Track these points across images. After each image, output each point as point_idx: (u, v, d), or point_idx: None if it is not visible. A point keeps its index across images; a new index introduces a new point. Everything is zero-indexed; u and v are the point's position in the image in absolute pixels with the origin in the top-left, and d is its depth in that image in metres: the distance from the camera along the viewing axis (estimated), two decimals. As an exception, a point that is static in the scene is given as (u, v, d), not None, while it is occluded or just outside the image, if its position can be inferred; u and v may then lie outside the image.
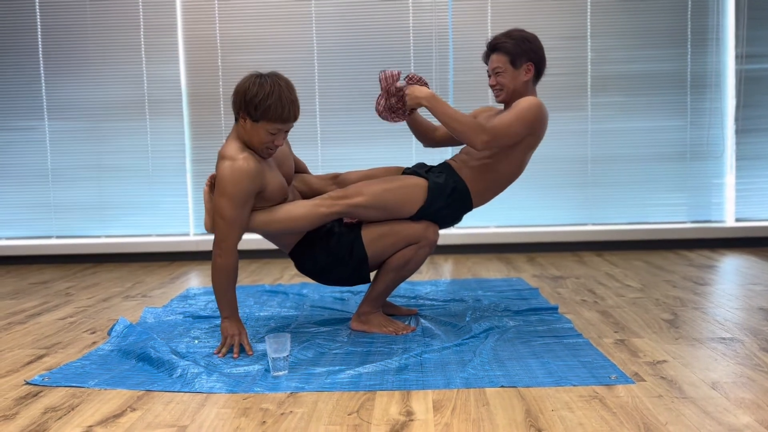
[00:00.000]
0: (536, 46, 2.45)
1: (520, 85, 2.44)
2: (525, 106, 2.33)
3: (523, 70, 2.43)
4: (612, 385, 1.82)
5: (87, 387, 1.90)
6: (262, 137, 2.13)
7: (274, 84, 2.09)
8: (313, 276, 2.43)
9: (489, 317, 2.57)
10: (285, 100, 2.08)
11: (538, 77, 2.49)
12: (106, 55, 4.39)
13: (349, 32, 4.35)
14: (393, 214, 2.36)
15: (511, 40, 2.43)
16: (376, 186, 2.35)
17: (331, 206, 2.29)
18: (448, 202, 2.40)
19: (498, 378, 1.88)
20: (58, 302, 3.14)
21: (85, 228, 4.49)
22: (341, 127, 4.40)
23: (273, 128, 2.11)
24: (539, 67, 2.47)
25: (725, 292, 2.97)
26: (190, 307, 2.91)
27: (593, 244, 4.36)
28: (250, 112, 2.10)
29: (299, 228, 2.29)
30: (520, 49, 2.42)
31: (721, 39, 4.29)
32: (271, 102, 2.06)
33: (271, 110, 2.07)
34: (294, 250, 2.39)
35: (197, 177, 4.44)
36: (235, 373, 2.00)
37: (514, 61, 2.42)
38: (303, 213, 2.26)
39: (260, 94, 2.06)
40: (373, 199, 2.32)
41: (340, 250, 2.35)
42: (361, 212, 2.34)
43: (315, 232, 2.37)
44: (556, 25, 4.31)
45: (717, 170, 4.37)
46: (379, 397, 1.78)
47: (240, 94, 2.12)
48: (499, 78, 2.45)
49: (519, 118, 2.31)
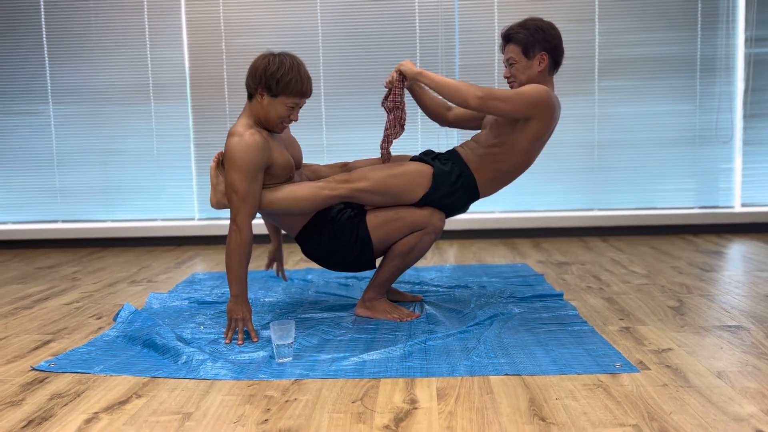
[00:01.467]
0: (550, 35, 2.40)
1: (534, 76, 2.41)
2: (529, 86, 2.32)
3: (537, 60, 2.40)
4: (616, 373, 1.81)
5: (93, 373, 1.91)
6: (279, 111, 2.20)
7: (293, 60, 2.19)
8: (318, 260, 2.44)
9: (494, 304, 2.57)
10: (303, 75, 2.19)
11: (555, 67, 2.46)
12: (110, 39, 4.37)
13: (354, 16, 4.31)
14: (397, 199, 2.36)
15: (524, 30, 2.39)
16: (381, 171, 2.35)
17: (335, 189, 2.30)
18: (452, 190, 2.38)
19: (502, 366, 1.88)
20: (64, 287, 3.15)
21: (90, 212, 4.50)
22: (346, 111, 4.38)
23: (291, 102, 2.20)
24: (555, 56, 2.41)
25: (732, 279, 2.95)
26: (195, 293, 2.92)
27: (599, 230, 4.34)
28: (270, 86, 2.17)
29: (302, 209, 2.30)
30: (534, 39, 2.38)
31: (732, 22, 4.23)
32: (292, 76, 2.16)
33: (292, 84, 2.16)
34: (300, 234, 2.40)
35: (201, 161, 4.43)
36: (240, 359, 2.00)
37: (527, 51, 2.39)
38: (306, 194, 2.28)
39: (281, 70, 2.15)
40: (376, 184, 2.32)
41: (345, 235, 2.35)
42: (364, 197, 2.34)
43: (321, 217, 2.37)
44: (563, 9, 4.26)
45: (726, 155, 4.33)
46: (383, 384, 1.78)
47: (259, 69, 2.18)
48: (513, 69, 2.42)
49: (519, 93, 2.29)
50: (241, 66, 4.34)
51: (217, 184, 2.29)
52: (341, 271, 2.49)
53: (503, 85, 4.30)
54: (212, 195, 2.30)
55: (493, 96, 2.26)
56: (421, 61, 4.31)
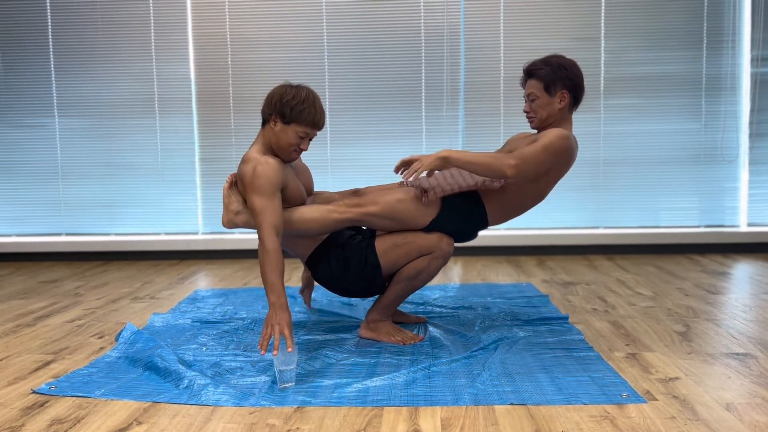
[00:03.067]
0: (573, 73, 2.40)
1: (554, 113, 2.41)
2: (553, 135, 2.30)
3: (558, 98, 2.39)
4: (623, 404, 1.79)
5: (93, 397, 1.89)
6: (291, 138, 2.24)
7: (309, 92, 2.25)
8: (328, 285, 2.44)
9: (498, 327, 2.55)
10: (318, 108, 2.25)
11: (575, 105, 2.46)
12: (116, 53, 4.38)
13: (360, 32, 4.32)
14: (405, 224, 2.36)
15: (547, 66, 2.39)
16: (391, 196, 2.36)
17: (344, 212, 2.30)
18: (461, 217, 2.37)
19: (507, 394, 1.86)
20: (67, 303, 3.14)
21: (94, 225, 4.50)
22: (351, 127, 4.38)
23: (302, 131, 2.24)
24: (575, 95, 2.42)
25: (738, 302, 2.93)
26: (198, 311, 2.90)
27: (604, 248, 4.32)
28: (284, 114, 2.21)
29: (311, 230, 2.30)
30: (556, 76, 2.38)
31: (737, 41, 4.23)
32: (306, 106, 2.22)
33: (305, 114, 2.21)
34: (310, 258, 2.41)
35: (206, 175, 4.43)
36: (242, 384, 1.98)
37: (549, 87, 2.39)
38: (316, 216, 2.29)
39: (297, 99, 2.21)
40: (386, 209, 2.32)
41: (354, 259, 2.36)
42: (373, 221, 2.34)
43: (331, 242, 2.38)
44: (569, 26, 4.26)
45: (731, 174, 4.31)
46: (386, 413, 1.76)
47: (276, 96, 2.24)
48: (534, 104, 2.42)
49: (546, 148, 2.27)
50: (247, 81, 4.35)
51: (229, 204, 2.31)
52: (351, 296, 2.48)
53: (512, 107, 4.30)
54: (224, 214, 2.32)
55: (526, 160, 2.24)
56: (426, 78, 4.31)
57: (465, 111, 4.33)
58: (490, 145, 4.28)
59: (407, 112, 4.35)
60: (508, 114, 4.32)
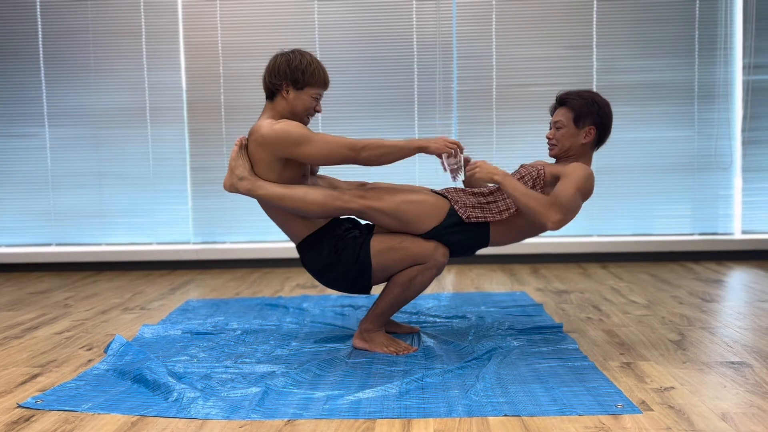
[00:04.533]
0: (604, 112, 2.39)
1: (576, 147, 2.41)
2: (582, 177, 2.27)
3: (584, 132, 2.39)
4: (618, 414, 1.77)
5: (81, 411, 1.86)
6: (306, 103, 2.29)
7: (309, 54, 2.30)
8: (315, 273, 2.41)
9: (492, 336, 2.53)
10: (323, 66, 2.30)
11: (598, 144, 2.45)
12: (107, 62, 4.36)
13: (352, 41, 4.31)
14: (407, 226, 2.34)
15: (580, 99, 2.39)
16: (398, 196, 2.34)
17: (348, 202, 2.29)
18: (462, 229, 2.35)
19: (501, 405, 1.83)
20: (56, 314, 3.10)
21: (85, 235, 4.45)
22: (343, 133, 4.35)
23: (316, 93, 2.29)
24: (602, 133, 2.42)
25: (733, 310, 2.91)
26: (189, 322, 2.87)
27: (598, 256, 4.31)
28: (296, 80, 2.25)
29: (310, 212, 2.29)
30: (587, 110, 2.37)
31: (729, 49, 4.24)
32: (315, 67, 2.26)
33: (316, 75, 2.26)
34: (303, 243, 2.38)
35: (197, 185, 4.40)
36: (233, 396, 1.95)
37: (578, 120, 2.38)
38: (319, 199, 2.27)
39: (303, 62, 2.25)
40: (391, 206, 2.31)
41: (346, 253, 2.33)
42: (376, 216, 2.32)
43: (327, 231, 2.35)
44: (561, 34, 4.26)
45: (725, 182, 4.31)
46: (379, 426, 1.73)
47: (282, 65, 2.26)
48: (558, 133, 2.41)
49: (580, 189, 2.26)
50: (238, 90, 4.33)
51: (234, 168, 2.29)
52: (335, 289, 2.46)
53: (504, 115, 4.29)
54: (227, 177, 2.32)
55: (568, 212, 2.22)
56: (419, 87, 4.30)
57: (458, 119, 4.33)
58: (482, 154, 4.27)
59: (400, 121, 4.34)
60: (500, 122, 4.32)
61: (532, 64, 4.28)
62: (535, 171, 2.40)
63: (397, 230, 2.36)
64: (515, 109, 4.30)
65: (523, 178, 2.40)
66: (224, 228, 4.41)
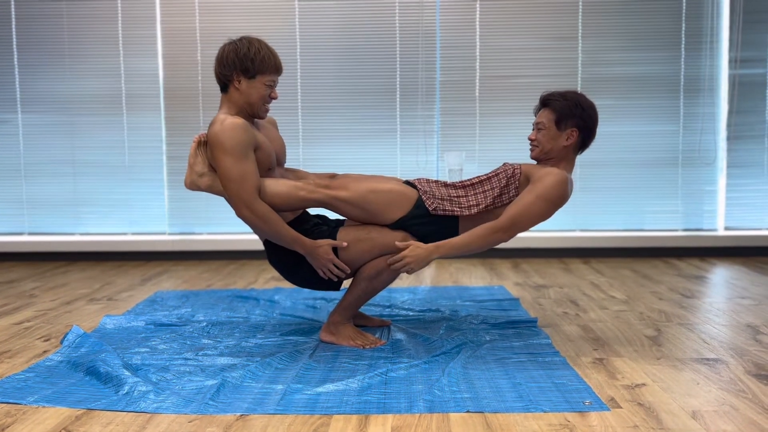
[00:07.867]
0: (588, 115, 2.31)
1: (558, 149, 2.32)
2: (550, 183, 2.20)
3: (566, 135, 2.31)
4: (585, 412, 1.70)
5: (25, 404, 1.77)
6: (261, 91, 2.21)
7: (257, 40, 2.21)
8: (283, 272, 2.34)
9: (464, 330, 2.46)
10: (273, 51, 2.22)
11: (582, 148, 2.37)
12: (82, 47, 4.26)
13: (334, 31, 4.22)
14: (373, 216, 2.26)
15: (563, 100, 2.31)
16: (363, 185, 2.27)
17: (312, 192, 2.21)
18: (429, 221, 2.27)
19: (465, 401, 1.76)
20: (19, 304, 3.01)
21: (58, 225, 4.35)
22: (324, 125, 4.27)
23: (269, 80, 2.21)
24: (585, 137, 2.33)
25: (712, 306, 2.85)
26: (154, 313, 2.78)
27: (580, 251, 4.25)
28: (246, 68, 2.17)
29: (275, 205, 2.20)
30: (570, 112, 2.29)
31: (716, 43, 4.18)
32: (264, 53, 2.18)
33: (266, 61, 2.18)
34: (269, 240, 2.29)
35: (173, 174, 4.30)
36: (187, 389, 1.87)
37: (560, 122, 2.30)
38: (282, 191, 2.20)
39: (252, 50, 2.17)
40: (355, 196, 2.23)
41: None
42: (341, 206, 2.24)
43: (294, 227, 2.26)
44: (546, 26, 4.19)
45: (709, 177, 4.26)
46: (334, 421, 1.65)
47: (230, 55, 2.19)
48: (540, 134, 2.32)
49: (541, 197, 2.19)
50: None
51: (194, 164, 2.23)
52: (306, 287, 2.39)
53: (487, 107, 4.22)
54: (187, 174, 2.26)
55: (516, 223, 2.18)
56: (401, 77, 4.22)
57: (440, 110, 4.25)
58: (465, 145, 4.20)
59: (382, 111, 4.25)
60: (483, 114, 4.24)
61: (517, 55, 4.21)
62: (511, 169, 2.33)
63: (364, 221, 2.28)
64: (499, 101, 4.23)
65: (498, 176, 2.33)
66: (200, 219, 4.32)
